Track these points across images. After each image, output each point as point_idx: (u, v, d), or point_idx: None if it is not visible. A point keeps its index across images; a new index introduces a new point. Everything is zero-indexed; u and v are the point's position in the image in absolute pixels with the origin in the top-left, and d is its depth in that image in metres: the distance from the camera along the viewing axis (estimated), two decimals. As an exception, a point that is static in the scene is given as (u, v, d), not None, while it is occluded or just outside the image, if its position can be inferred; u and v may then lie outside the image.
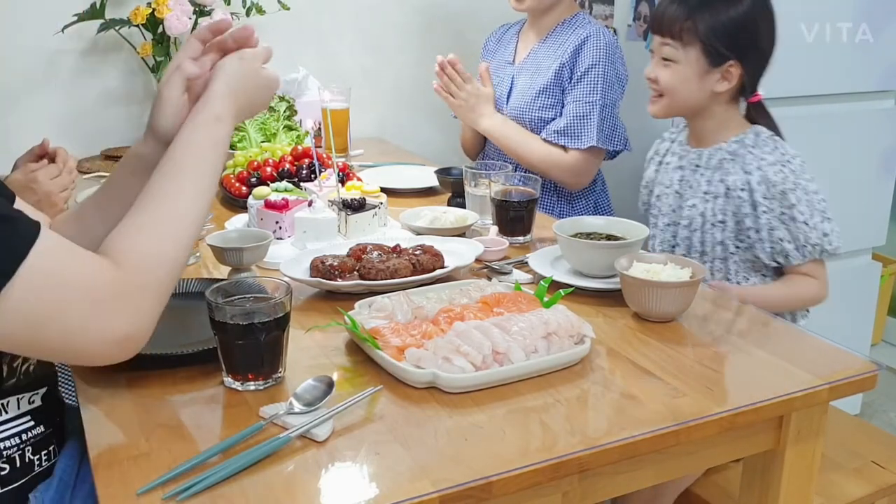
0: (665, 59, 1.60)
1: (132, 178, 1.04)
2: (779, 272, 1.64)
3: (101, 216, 1.11)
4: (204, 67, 1.01)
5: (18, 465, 1.03)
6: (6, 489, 1.01)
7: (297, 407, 0.95)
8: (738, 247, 1.62)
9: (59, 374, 1.16)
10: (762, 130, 1.61)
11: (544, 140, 2.04)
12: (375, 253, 1.36)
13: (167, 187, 0.92)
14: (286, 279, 1.15)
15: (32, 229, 0.81)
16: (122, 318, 0.84)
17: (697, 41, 1.56)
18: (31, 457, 1.04)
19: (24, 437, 1.03)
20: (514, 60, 2.18)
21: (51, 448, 1.08)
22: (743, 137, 1.60)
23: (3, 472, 1.01)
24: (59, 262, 0.82)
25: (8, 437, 1.01)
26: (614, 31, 2.34)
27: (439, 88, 2.07)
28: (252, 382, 1.02)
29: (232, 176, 1.83)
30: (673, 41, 1.58)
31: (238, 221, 1.64)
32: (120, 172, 1.11)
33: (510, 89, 2.14)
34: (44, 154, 1.53)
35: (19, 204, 1.12)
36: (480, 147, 2.29)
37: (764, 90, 2.18)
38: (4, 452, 1.01)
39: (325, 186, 1.69)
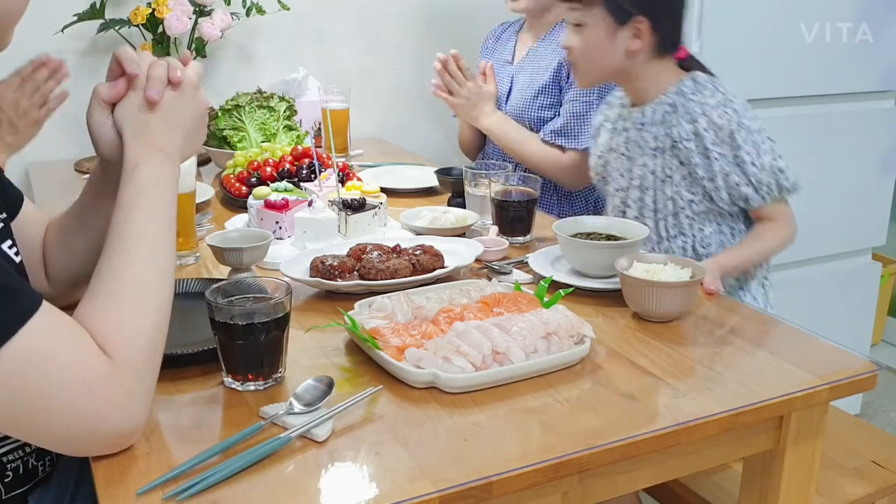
0: (575, 26, 1.58)
1: (101, 200, 1.05)
2: (741, 216, 1.62)
3: (83, 231, 1.11)
4: (118, 89, 0.98)
5: (22, 472, 1.03)
6: (10, 495, 1.02)
7: (297, 407, 0.95)
8: (690, 200, 1.58)
9: None
10: (699, 75, 1.58)
11: (542, 140, 2.04)
12: (375, 253, 1.36)
13: (122, 261, 0.90)
14: (286, 279, 1.15)
15: (32, 303, 0.80)
16: (114, 411, 0.83)
17: (597, 1, 1.53)
18: (35, 463, 1.04)
19: (26, 449, 1.03)
20: (512, 60, 2.18)
21: (53, 453, 1.07)
22: (680, 86, 1.57)
23: (7, 480, 1.01)
24: (52, 344, 0.80)
25: (11, 451, 1.01)
26: (614, 31, 2.34)
27: (437, 89, 2.06)
28: (252, 382, 1.02)
29: (232, 176, 1.83)
30: (577, 4, 1.56)
31: (238, 221, 1.64)
32: (89, 194, 1.11)
33: (509, 89, 2.13)
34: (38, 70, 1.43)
35: None
36: (480, 146, 2.29)
37: (764, 90, 2.20)
38: (8, 465, 1.01)
39: (325, 186, 1.69)
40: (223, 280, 1.28)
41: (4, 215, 1.01)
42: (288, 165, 1.83)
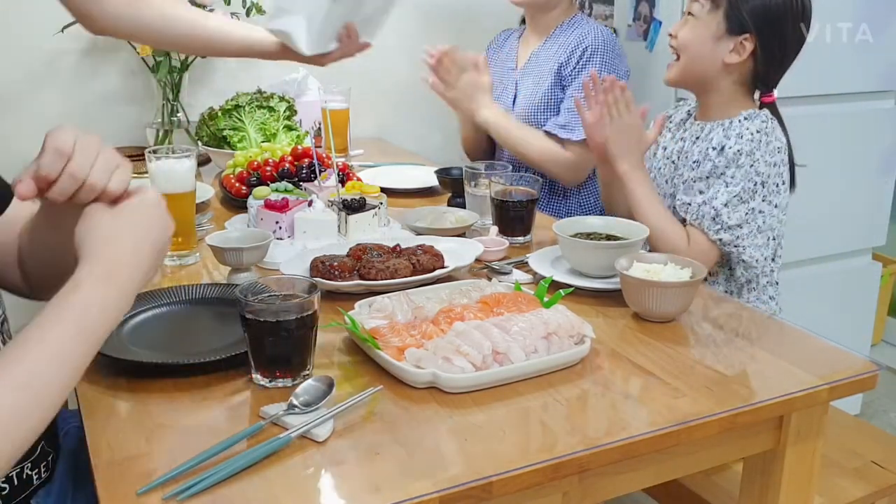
0: (690, 15, 1.60)
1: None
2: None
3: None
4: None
5: (17, 482, 1.02)
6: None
7: (298, 407, 0.95)
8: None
9: None
10: (768, 115, 1.60)
11: (545, 132, 2.03)
12: (375, 253, 1.36)
13: (19, 349, 0.78)
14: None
15: None
16: None
17: (724, 3, 1.55)
18: (30, 472, 1.04)
19: (22, 460, 1.03)
20: (516, 66, 2.18)
21: (49, 459, 1.07)
22: (746, 115, 1.58)
23: (4, 492, 1.01)
24: None
25: None
26: (614, 30, 2.34)
27: (435, 83, 2.04)
28: (280, 379, 1.03)
29: (232, 176, 1.83)
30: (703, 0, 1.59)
31: (238, 221, 1.64)
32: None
33: (515, 95, 2.13)
34: None
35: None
36: (484, 147, 2.28)
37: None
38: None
39: (325, 186, 1.69)
40: (222, 283, 1.28)
41: None
42: (288, 165, 1.83)
